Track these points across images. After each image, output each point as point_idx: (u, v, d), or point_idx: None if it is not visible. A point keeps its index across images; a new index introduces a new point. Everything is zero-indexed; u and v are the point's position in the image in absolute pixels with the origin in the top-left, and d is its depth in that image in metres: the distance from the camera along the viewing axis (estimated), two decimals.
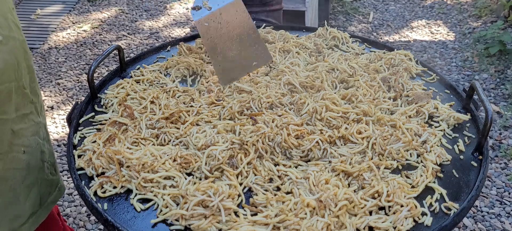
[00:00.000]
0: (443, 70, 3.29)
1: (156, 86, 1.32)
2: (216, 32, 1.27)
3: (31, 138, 1.13)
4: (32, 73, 1.14)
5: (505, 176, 2.40)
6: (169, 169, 1.00)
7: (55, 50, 3.69)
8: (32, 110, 1.14)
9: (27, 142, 1.11)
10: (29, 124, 1.12)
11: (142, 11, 4.32)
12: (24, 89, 1.09)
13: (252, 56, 1.28)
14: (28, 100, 1.12)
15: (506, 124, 2.71)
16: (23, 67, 1.09)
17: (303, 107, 1.17)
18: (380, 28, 3.98)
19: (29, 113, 1.12)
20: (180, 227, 0.90)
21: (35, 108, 1.15)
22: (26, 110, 1.11)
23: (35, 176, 1.15)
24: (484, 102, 1.07)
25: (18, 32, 1.08)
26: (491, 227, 2.13)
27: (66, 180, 2.48)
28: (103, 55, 1.24)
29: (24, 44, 1.10)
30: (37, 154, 1.16)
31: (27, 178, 1.12)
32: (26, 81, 1.10)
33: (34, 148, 1.15)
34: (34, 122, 1.14)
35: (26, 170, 1.12)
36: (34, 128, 1.14)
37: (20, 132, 1.09)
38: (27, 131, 1.11)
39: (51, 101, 3.07)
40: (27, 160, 1.11)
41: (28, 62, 1.12)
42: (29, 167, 1.13)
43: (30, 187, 1.14)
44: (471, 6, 4.20)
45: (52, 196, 1.22)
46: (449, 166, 1.05)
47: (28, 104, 1.12)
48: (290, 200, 0.92)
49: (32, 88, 1.14)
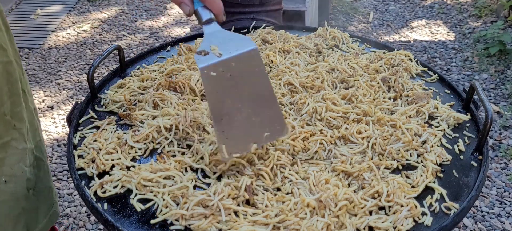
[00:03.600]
0: (443, 70, 3.29)
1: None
2: (224, 87, 0.96)
3: (16, 166, 1.06)
4: (15, 97, 1.06)
5: (505, 176, 2.40)
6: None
7: (55, 50, 3.69)
8: (15, 136, 1.06)
9: (9, 171, 1.04)
10: (12, 152, 1.05)
11: (142, 11, 4.32)
12: (4, 116, 1.02)
13: (265, 124, 0.99)
14: (9, 127, 1.04)
15: (506, 124, 2.71)
16: (4, 92, 1.01)
17: (303, 107, 1.17)
18: (380, 28, 3.99)
19: (11, 141, 1.05)
20: (180, 227, 0.90)
21: (19, 134, 1.07)
22: (6, 138, 1.03)
23: (21, 206, 1.08)
24: (484, 102, 1.07)
25: (1, 54, 1.01)
26: (491, 227, 2.13)
27: (66, 180, 2.48)
28: (103, 55, 1.24)
29: (8, 66, 1.02)
30: (22, 182, 1.08)
31: (13, 209, 1.05)
32: (7, 107, 1.03)
33: (19, 176, 1.07)
34: (17, 149, 1.07)
35: (11, 201, 1.05)
36: (18, 155, 1.07)
37: (0, 161, 1.02)
38: (9, 159, 1.04)
39: (51, 101, 3.07)
40: (10, 190, 1.04)
41: (13, 85, 1.04)
42: (14, 198, 1.05)
43: (16, 218, 1.07)
44: (471, 6, 4.20)
45: (41, 224, 1.15)
46: (449, 166, 1.05)
47: (10, 130, 1.04)
48: (290, 200, 0.92)
49: (15, 113, 1.06)
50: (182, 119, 1.11)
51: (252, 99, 0.98)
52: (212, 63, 0.95)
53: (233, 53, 0.97)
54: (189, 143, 1.10)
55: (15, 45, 1.12)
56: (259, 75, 0.98)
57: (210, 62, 0.95)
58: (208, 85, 0.96)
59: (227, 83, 0.96)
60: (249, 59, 0.97)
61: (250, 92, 0.98)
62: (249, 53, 0.97)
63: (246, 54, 0.97)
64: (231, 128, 0.96)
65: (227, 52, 0.97)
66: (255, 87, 0.98)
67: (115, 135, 1.12)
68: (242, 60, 0.97)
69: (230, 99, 0.96)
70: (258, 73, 0.98)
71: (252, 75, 0.98)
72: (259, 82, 0.98)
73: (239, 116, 0.97)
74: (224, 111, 0.96)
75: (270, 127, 0.99)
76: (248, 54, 0.97)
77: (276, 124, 1.00)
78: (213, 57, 0.96)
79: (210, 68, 0.95)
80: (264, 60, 1.42)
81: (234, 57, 0.97)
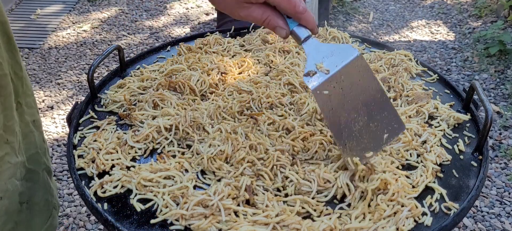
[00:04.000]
0: (443, 70, 3.29)
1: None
2: (339, 102, 0.97)
3: (8, 181, 1.04)
4: (8, 111, 1.03)
5: (505, 176, 2.40)
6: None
7: (55, 50, 3.69)
8: (7, 151, 1.04)
9: (3, 187, 1.02)
10: (5, 167, 1.03)
11: (142, 11, 4.32)
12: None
13: (383, 126, 1.00)
14: (2, 142, 1.02)
15: (506, 124, 2.71)
16: None
17: (303, 107, 1.17)
18: (380, 28, 3.99)
19: (4, 156, 1.03)
20: (180, 227, 0.90)
21: (11, 148, 1.05)
22: (0, 154, 1.01)
23: (14, 220, 1.06)
24: (484, 102, 1.07)
25: None
26: (491, 227, 2.13)
27: (66, 180, 2.48)
28: (103, 55, 1.24)
29: (2, 80, 1.00)
30: (15, 197, 1.06)
31: (6, 224, 1.03)
32: (0, 121, 1.00)
33: (12, 191, 1.05)
34: (10, 164, 1.04)
35: (4, 216, 1.03)
36: (10, 170, 1.04)
37: None
38: (2, 175, 1.02)
39: (51, 101, 3.07)
40: (4, 206, 1.02)
41: (6, 99, 1.02)
42: (7, 213, 1.03)
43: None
44: (471, 6, 4.20)
45: None
46: (449, 166, 1.05)
47: (3, 146, 1.02)
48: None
49: (8, 127, 1.03)
50: (182, 119, 1.11)
51: (365, 105, 0.99)
52: (323, 82, 0.96)
53: (339, 66, 0.97)
54: (189, 143, 1.10)
55: (17, 57, 1.10)
56: (367, 80, 0.99)
57: (321, 81, 0.96)
58: (323, 104, 0.96)
59: (340, 97, 0.97)
60: (355, 67, 0.98)
61: (363, 100, 0.98)
62: (355, 61, 0.98)
63: (352, 64, 0.97)
64: (352, 139, 0.98)
65: (334, 66, 0.97)
66: (367, 93, 0.99)
67: (115, 135, 1.12)
68: (350, 71, 0.97)
69: (346, 112, 0.97)
70: (367, 78, 0.99)
71: (361, 82, 0.98)
72: (369, 87, 0.99)
73: (357, 126, 0.98)
74: (342, 125, 0.97)
75: (387, 128, 1.00)
76: (353, 63, 0.98)
77: (393, 122, 1.01)
78: (322, 75, 0.97)
79: (322, 87, 0.96)
80: (264, 60, 1.42)
81: (341, 70, 0.97)
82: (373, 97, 0.99)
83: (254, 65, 1.39)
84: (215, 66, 1.34)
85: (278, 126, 1.11)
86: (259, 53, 1.46)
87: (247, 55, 1.45)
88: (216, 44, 1.50)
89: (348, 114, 0.98)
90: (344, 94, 0.97)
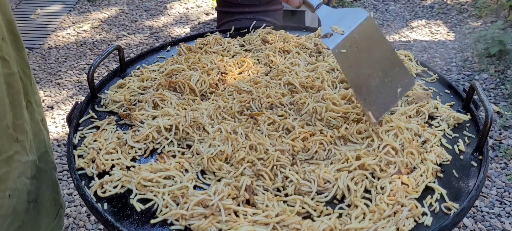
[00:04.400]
0: (443, 70, 3.29)
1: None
2: (356, 59, 1.06)
3: (18, 180, 1.04)
4: (17, 109, 1.04)
5: (505, 176, 2.40)
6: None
7: (55, 50, 3.69)
8: (17, 149, 1.04)
9: (12, 185, 1.02)
10: (15, 166, 1.03)
11: (142, 11, 4.32)
12: (7, 129, 1.00)
13: (395, 81, 1.09)
14: (12, 140, 1.03)
15: (506, 124, 2.71)
16: (6, 104, 0.99)
17: (303, 107, 1.17)
18: (380, 28, 3.99)
19: (14, 154, 1.03)
20: (180, 227, 0.90)
21: (21, 146, 1.06)
22: (10, 152, 1.02)
23: (21, 219, 1.06)
24: (484, 102, 1.07)
25: (3, 65, 0.99)
26: (491, 227, 2.13)
27: (66, 180, 2.48)
28: (103, 55, 1.24)
29: (10, 78, 1.01)
30: (23, 195, 1.07)
31: (13, 223, 1.03)
32: (10, 119, 1.01)
33: (21, 190, 1.05)
34: (20, 162, 1.05)
35: (12, 215, 1.03)
36: (20, 168, 1.05)
37: (4, 176, 1.00)
38: (12, 173, 1.02)
39: (51, 101, 3.07)
40: (12, 204, 1.02)
41: (14, 97, 1.02)
42: (15, 211, 1.04)
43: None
44: (471, 6, 4.20)
45: None
46: (449, 166, 1.05)
47: (13, 144, 1.03)
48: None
49: (17, 126, 1.04)
50: (182, 119, 1.11)
51: (379, 62, 1.08)
52: (340, 41, 1.04)
53: (352, 26, 1.06)
54: (189, 143, 1.10)
55: (24, 56, 1.10)
56: (378, 40, 1.08)
57: (338, 41, 1.04)
58: (343, 62, 1.05)
59: (356, 55, 1.06)
60: (367, 27, 1.07)
61: (377, 57, 1.07)
62: (366, 22, 1.06)
63: (363, 24, 1.06)
64: (370, 94, 1.06)
65: (348, 28, 1.05)
66: (379, 51, 1.08)
67: (115, 135, 1.12)
68: (362, 31, 1.06)
69: (363, 69, 1.06)
70: (378, 38, 1.08)
71: (373, 41, 1.07)
72: (380, 45, 1.08)
73: (374, 81, 1.07)
74: (361, 81, 1.06)
75: (400, 82, 1.10)
76: (365, 23, 1.06)
77: (404, 77, 1.10)
78: (338, 36, 1.05)
79: (340, 46, 1.04)
80: (264, 60, 1.42)
81: (355, 30, 1.05)
82: (385, 55, 1.08)
83: (254, 65, 1.39)
84: (215, 66, 1.34)
85: (278, 126, 1.12)
86: (259, 53, 1.46)
87: (247, 55, 1.45)
88: (216, 44, 1.50)
89: (365, 71, 1.06)
90: (360, 52, 1.06)
